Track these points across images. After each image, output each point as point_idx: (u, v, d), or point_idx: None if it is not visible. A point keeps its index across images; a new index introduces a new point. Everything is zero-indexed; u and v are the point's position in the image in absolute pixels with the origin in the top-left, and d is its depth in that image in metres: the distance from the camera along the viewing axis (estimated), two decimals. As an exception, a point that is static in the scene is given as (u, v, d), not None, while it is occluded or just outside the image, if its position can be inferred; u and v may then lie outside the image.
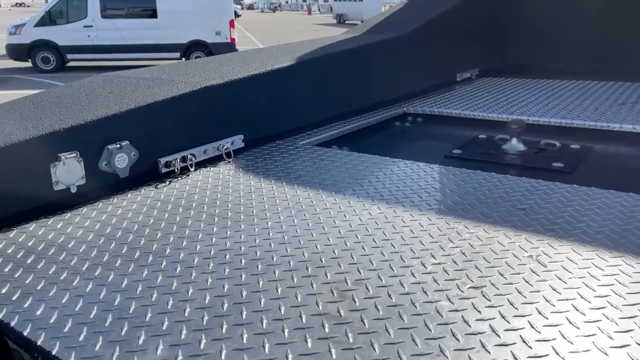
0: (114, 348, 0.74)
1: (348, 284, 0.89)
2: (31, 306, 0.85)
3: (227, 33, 12.81)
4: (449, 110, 2.34)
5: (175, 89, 1.57)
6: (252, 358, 0.71)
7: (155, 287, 0.90)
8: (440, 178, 1.43)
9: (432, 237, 1.06)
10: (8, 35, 12.32)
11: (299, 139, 1.92)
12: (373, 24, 2.83)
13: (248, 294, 0.87)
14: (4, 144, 1.17)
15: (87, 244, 1.08)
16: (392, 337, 0.74)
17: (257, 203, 1.29)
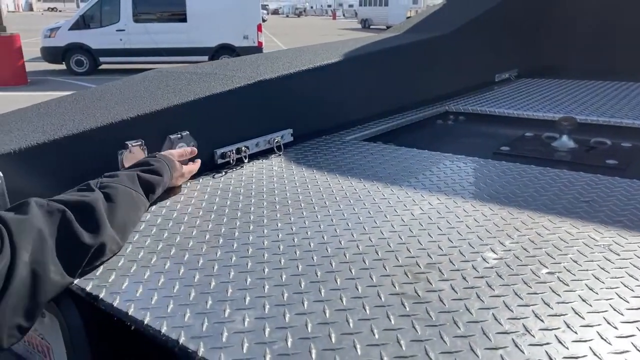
0: (202, 319, 0.77)
1: (420, 267, 0.90)
2: (115, 281, 0.89)
3: (255, 37, 12.97)
4: (492, 109, 2.34)
5: (231, 83, 1.61)
6: (337, 331, 0.73)
7: (231, 265, 0.93)
8: (494, 172, 1.43)
9: (497, 225, 1.07)
10: (43, 38, 12.71)
11: (345, 135, 1.94)
12: (413, 23, 2.84)
13: (323, 274, 0.89)
14: (77, 131, 1.22)
15: (157, 227, 1.12)
16: (474, 317, 0.75)
17: (314, 192, 1.32)
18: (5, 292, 0.71)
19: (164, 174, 1.20)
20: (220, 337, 0.72)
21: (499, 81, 3.04)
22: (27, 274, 0.75)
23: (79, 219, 0.88)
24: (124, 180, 1.08)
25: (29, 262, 0.76)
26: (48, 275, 0.79)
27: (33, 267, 0.76)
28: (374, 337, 0.71)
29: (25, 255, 0.75)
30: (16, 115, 1.38)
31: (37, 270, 0.77)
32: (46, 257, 0.80)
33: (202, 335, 0.73)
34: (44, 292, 0.78)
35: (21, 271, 0.74)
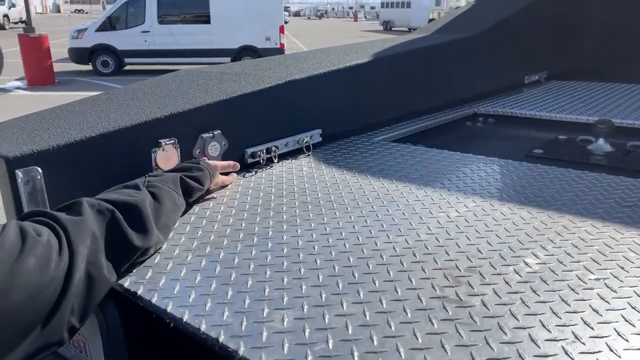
0: (241, 318, 0.76)
1: (460, 270, 0.88)
2: (152, 278, 0.89)
3: (277, 39, 13.03)
4: (522, 111, 2.29)
5: (261, 82, 1.60)
6: (379, 334, 0.71)
7: (266, 265, 0.92)
8: (530, 175, 1.40)
9: (537, 229, 1.04)
10: (70, 39, 12.98)
11: (373, 136, 1.92)
12: (442, 24, 2.81)
13: (360, 276, 0.87)
14: (112, 128, 1.23)
15: (190, 225, 1.12)
16: (521, 323, 0.73)
17: (346, 193, 1.30)
18: (66, 293, 0.72)
19: (204, 183, 1.21)
20: (260, 337, 0.71)
21: (529, 83, 2.98)
22: (83, 275, 0.76)
23: (127, 220, 0.88)
24: (168, 181, 1.09)
25: (85, 264, 0.77)
26: (102, 276, 0.79)
27: (88, 268, 0.77)
28: (417, 340, 0.70)
29: (82, 257, 0.76)
30: (52, 113, 1.39)
31: (92, 271, 0.78)
32: (100, 258, 0.80)
33: (242, 335, 0.72)
34: (98, 293, 0.79)
35: (79, 272, 0.75)
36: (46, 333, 0.70)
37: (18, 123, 1.30)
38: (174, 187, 1.10)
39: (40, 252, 0.70)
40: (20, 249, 0.68)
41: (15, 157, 1.06)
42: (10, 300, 0.64)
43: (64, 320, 0.72)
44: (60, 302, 0.71)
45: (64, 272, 0.73)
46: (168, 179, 1.11)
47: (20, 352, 0.66)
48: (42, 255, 0.70)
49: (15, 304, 0.65)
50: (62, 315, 0.72)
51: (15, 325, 0.65)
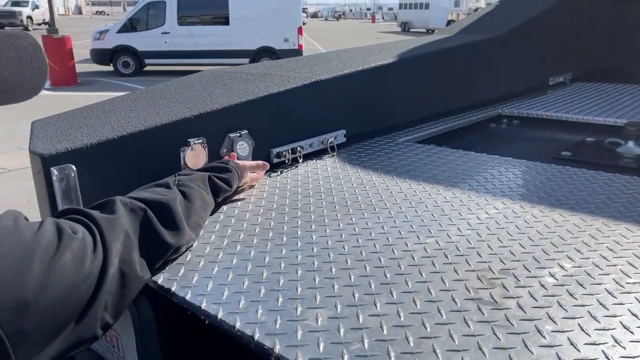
0: (275, 316, 0.76)
1: (494, 272, 0.87)
2: (185, 275, 0.90)
3: (295, 40, 13.06)
4: (548, 113, 2.26)
5: (287, 83, 1.61)
6: (414, 335, 0.71)
7: (297, 264, 0.93)
8: (559, 177, 1.38)
9: (570, 232, 1.02)
10: (92, 40, 13.18)
11: (397, 137, 1.92)
12: (465, 25, 2.78)
13: (392, 276, 0.87)
14: (143, 127, 1.25)
15: (220, 224, 1.13)
16: (559, 326, 0.72)
17: (372, 194, 1.30)
18: (100, 290, 0.73)
19: (232, 184, 1.21)
20: (295, 335, 0.72)
21: (553, 85, 2.94)
22: (117, 272, 0.77)
23: (159, 218, 0.89)
24: (198, 180, 1.10)
25: (119, 261, 0.78)
26: (136, 274, 0.80)
27: (121, 265, 0.78)
28: (453, 342, 0.69)
29: (115, 254, 0.77)
30: (84, 112, 1.42)
31: (125, 269, 0.79)
32: (133, 255, 0.81)
33: (277, 333, 0.72)
34: (132, 290, 0.80)
35: (112, 269, 0.76)
36: (80, 329, 0.71)
37: (51, 122, 1.33)
38: (203, 186, 1.11)
39: (75, 249, 0.71)
40: (57, 245, 0.70)
41: (50, 155, 1.08)
42: (46, 296, 0.65)
43: (97, 316, 0.73)
44: (94, 298, 0.72)
45: (98, 269, 0.74)
46: (197, 178, 1.12)
47: (55, 347, 0.68)
48: (78, 252, 0.72)
49: (52, 299, 0.66)
50: (95, 312, 0.73)
51: (50, 320, 0.67)
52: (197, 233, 1.03)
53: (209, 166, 1.24)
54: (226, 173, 1.21)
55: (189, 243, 0.98)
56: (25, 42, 0.79)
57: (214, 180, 1.16)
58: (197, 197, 1.04)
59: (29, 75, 0.78)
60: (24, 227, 0.70)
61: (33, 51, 0.79)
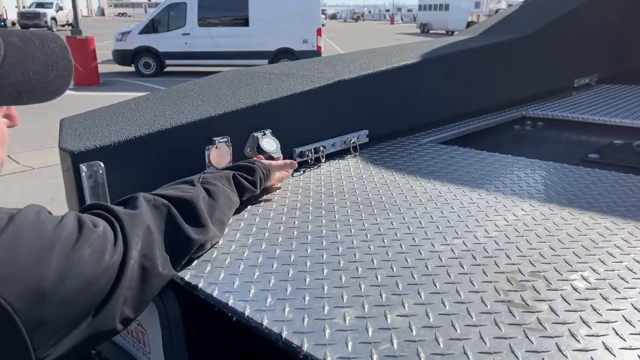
0: (302, 315, 0.76)
1: (524, 275, 0.86)
2: (212, 272, 0.90)
3: (314, 41, 13.07)
4: (574, 115, 2.22)
5: (310, 82, 1.61)
6: (444, 336, 0.70)
7: (323, 263, 0.92)
8: (588, 179, 1.35)
9: (602, 235, 1.00)
10: (115, 41, 13.38)
11: (420, 137, 1.90)
12: (489, 25, 2.75)
13: (419, 277, 0.86)
14: (169, 125, 1.26)
15: (244, 222, 1.13)
16: (593, 330, 0.70)
17: (396, 194, 1.29)
18: (119, 283, 0.73)
19: (257, 185, 1.21)
20: (323, 334, 0.71)
21: (578, 86, 2.89)
22: (137, 267, 0.77)
23: (182, 215, 0.90)
24: (222, 179, 1.10)
25: (140, 256, 0.78)
26: (157, 270, 0.81)
27: (142, 261, 0.79)
28: (484, 345, 0.68)
29: (136, 249, 0.78)
30: (110, 111, 1.44)
31: (146, 264, 0.79)
32: (154, 251, 0.82)
33: (305, 331, 0.72)
34: (152, 286, 0.80)
35: (132, 264, 0.76)
36: (98, 321, 0.71)
37: (79, 119, 1.35)
38: (227, 184, 1.11)
39: (95, 242, 0.72)
40: (77, 237, 0.70)
41: (79, 151, 1.10)
42: (65, 287, 0.66)
43: (116, 310, 0.74)
44: (113, 292, 0.73)
45: (118, 263, 0.74)
46: (222, 176, 1.12)
47: (73, 339, 0.68)
48: (98, 246, 0.72)
49: (70, 291, 0.67)
50: (114, 305, 0.73)
51: (68, 311, 0.67)
52: (221, 230, 1.03)
53: (235, 165, 1.24)
54: (251, 173, 1.21)
55: (214, 240, 0.99)
56: (53, 44, 0.80)
57: (239, 179, 1.16)
58: (221, 195, 1.05)
59: (54, 76, 0.79)
60: (46, 220, 0.70)
61: (60, 53, 0.80)
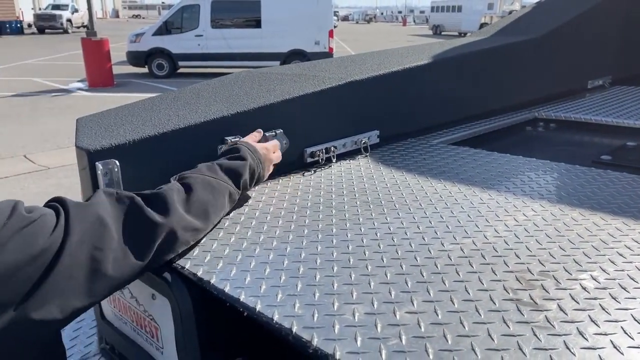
0: (312, 310, 0.77)
1: (533, 274, 0.86)
2: (223, 268, 0.92)
3: (326, 43, 13.11)
4: (587, 116, 2.21)
5: (322, 83, 1.62)
6: (452, 333, 0.71)
7: (333, 260, 0.94)
8: (599, 181, 1.35)
9: (612, 236, 1.00)
10: (129, 43, 13.53)
11: (431, 138, 1.91)
12: (501, 26, 2.74)
13: (428, 275, 0.87)
14: (183, 125, 1.28)
15: (255, 220, 1.15)
16: (602, 329, 0.71)
17: (406, 194, 1.30)
18: (53, 270, 0.72)
19: (247, 157, 1.18)
20: (333, 329, 0.72)
21: (592, 88, 2.87)
22: (83, 257, 0.76)
23: (151, 206, 0.89)
24: (203, 170, 1.09)
25: (86, 247, 0.77)
26: (107, 261, 0.79)
27: (91, 252, 0.77)
28: (492, 342, 0.69)
29: (77, 237, 0.76)
30: (125, 110, 1.46)
31: (96, 254, 0.78)
32: (106, 242, 0.80)
33: (314, 326, 0.73)
34: (108, 277, 0.79)
35: (73, 253, 0.74)
36: (29, 309, 0.69)
37: (95, 119, 1.38)
38: (210, 173, 1.09)
39: (27, 228, 0.71)
40: (4, 223, 0.69)
41: (95, 150, 1.12)
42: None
43: (52, 298, 0.71)
44: (44, 279, 0.71)
45: (53, 251, 0.73)
46: (203, 168, 1.11)
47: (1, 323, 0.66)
48: (28, 231, 0.71)
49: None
50: (49, 293, 0.71)
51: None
52: (206, 220, 1.01)
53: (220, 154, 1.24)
54: (236, 151, 1.19)
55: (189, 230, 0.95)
56: None
57: (224, 164, 1.14)
58: (198, 184, 1.02)
59: None
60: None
61: None
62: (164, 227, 0.89)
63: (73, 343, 1.35)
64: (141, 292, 1.02)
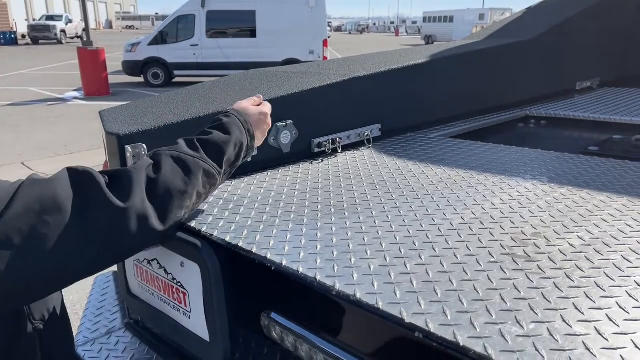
0: (332, 264, 0.87)
1: (526, 235, 0.97)
2: (248, 235, 1.01)
3: (320, 52, 13.30)
4: (576, 114, 2.33)
5: (328, 79, 1.73)
6: (456, 278, 0.81)
7: (346, 228, 1.04)
8: (586, 165, 1.46)
9: (597, 207, 1.11)
10: (125, 52, 13.65)
11: (429, 133, 2.02)
12: (495, 29, 2.88)
13: (433, 237, 0.97)
14: (202, 113, 1.38)
15: (272, 198, 1.25)
16: (586, 274, 0.81)
17: (409, 177, 1.40)
18: None
19: (232, 130, 1.09)
20: (352, 277, 0.82)
21: (580, 89, 3.00)
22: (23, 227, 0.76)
23: (112, 184, 0.88)
24: (182, 146, 1.03)
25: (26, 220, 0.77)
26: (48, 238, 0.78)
27: (32, 226, 0.77)
28: (492, 283, 0.79)
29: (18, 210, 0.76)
30: (145, 103, 1.56)
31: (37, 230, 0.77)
32: (52, 221, 0.79)
33: (335, 275, 0.83)
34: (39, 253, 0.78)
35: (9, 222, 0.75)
36: None
37: (117, 110, 1.48)
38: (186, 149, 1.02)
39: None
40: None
41: (125, 134, 1.22)
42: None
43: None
44: None
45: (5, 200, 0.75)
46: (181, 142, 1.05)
47: None
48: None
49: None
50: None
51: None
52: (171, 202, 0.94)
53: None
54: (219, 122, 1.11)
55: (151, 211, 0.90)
56: None
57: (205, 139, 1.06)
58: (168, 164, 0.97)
59: None
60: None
61: None
62: (119, 212, 0.85)
63: (98, 319, 1.43)
64: (170, 261, 1.12)
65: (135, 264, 1.24)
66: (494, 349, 0.64)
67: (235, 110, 1.18)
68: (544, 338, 0.66)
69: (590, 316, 0.70)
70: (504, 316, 0.70)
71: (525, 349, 0.64)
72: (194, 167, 1.00)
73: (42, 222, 0.78)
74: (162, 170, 0.95)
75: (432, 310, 0.72)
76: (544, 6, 3.16)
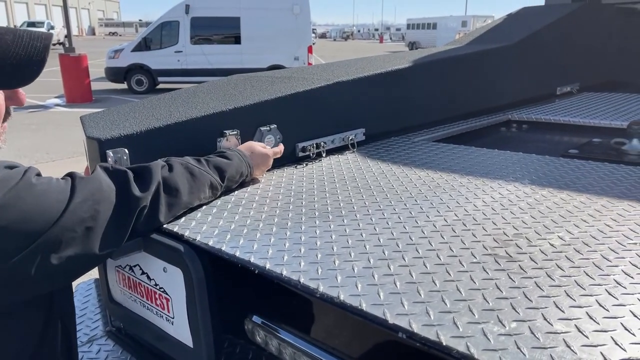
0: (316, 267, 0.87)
1: (508, 235, 0.98)
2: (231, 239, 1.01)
3: (305, 58, 13.34)
4: (556, 117, 2.37)
5: (311, 83, 1.74)
6: (439, 279, 0.81)
7: (331, 231, 1.04)
8: (567, 167, 1.48)
9: (577, 207, 1.13)
10: (107, 59, 13.53)
11: (413, 137, 2.03)
12: (477, 35, 2.92)
13: (416, 239, 0.98)
14: (185, 118, 1.38)
15: (256, 203, 1.24)
16: (567, 273, 0.82)
17: (392, 180, 1.41)
18: (58, 222, 0.85)
19: (233, 158, 1.28)
20: (336, 280, 0.82)
21: (560, 94, 3.05)
22: (85, 214, 0.89)
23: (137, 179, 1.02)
24: (189, 159, 1.20)
25: (88, 206, 0.90)
26: (103, 222, 0.92)
27: (91, 212, 0.90)
28: (474, 284, 0.79)
29: (79, 199, 0.89)
30: (127, 108, 1.55)
31: (94, 215, 0.91)
32: (102, 207, 0.93)
33: (319, 278, 0.83)
34: (98, 235, 0.91)
35: (76, 209, 0.88)
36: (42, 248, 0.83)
37: (98, 116, 1.46)
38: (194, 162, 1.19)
39: (37, 188, 0.85)
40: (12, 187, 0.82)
41: (106, 139, 1.21)
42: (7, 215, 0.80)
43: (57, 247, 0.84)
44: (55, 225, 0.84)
45: (61, 209, 0.86)
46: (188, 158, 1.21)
47: None
48: (40, 190, 0.85)
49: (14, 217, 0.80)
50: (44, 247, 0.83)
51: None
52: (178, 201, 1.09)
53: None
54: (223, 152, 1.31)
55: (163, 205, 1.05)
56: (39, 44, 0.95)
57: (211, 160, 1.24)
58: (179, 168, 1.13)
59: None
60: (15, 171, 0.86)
61: None
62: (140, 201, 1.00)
63: (79, 327, 1.41)
64: (152, 267, 1.10)
65: (117, 270, 1.22)
66: (476, 348, 0.64)
67: (239, 149, 1.37)
68: (526, 336, 0.66)
69: (571, 314, 0.71)
70: (486, 315, 0.71)
71: (507, 348, 0.64)
72: (200, 176, 1.17)
73: (96, 211, 0.92)
74: (174, 171, 1.11)
75: (416, 310, 0.73)
76: (524, 13, 3.22)
